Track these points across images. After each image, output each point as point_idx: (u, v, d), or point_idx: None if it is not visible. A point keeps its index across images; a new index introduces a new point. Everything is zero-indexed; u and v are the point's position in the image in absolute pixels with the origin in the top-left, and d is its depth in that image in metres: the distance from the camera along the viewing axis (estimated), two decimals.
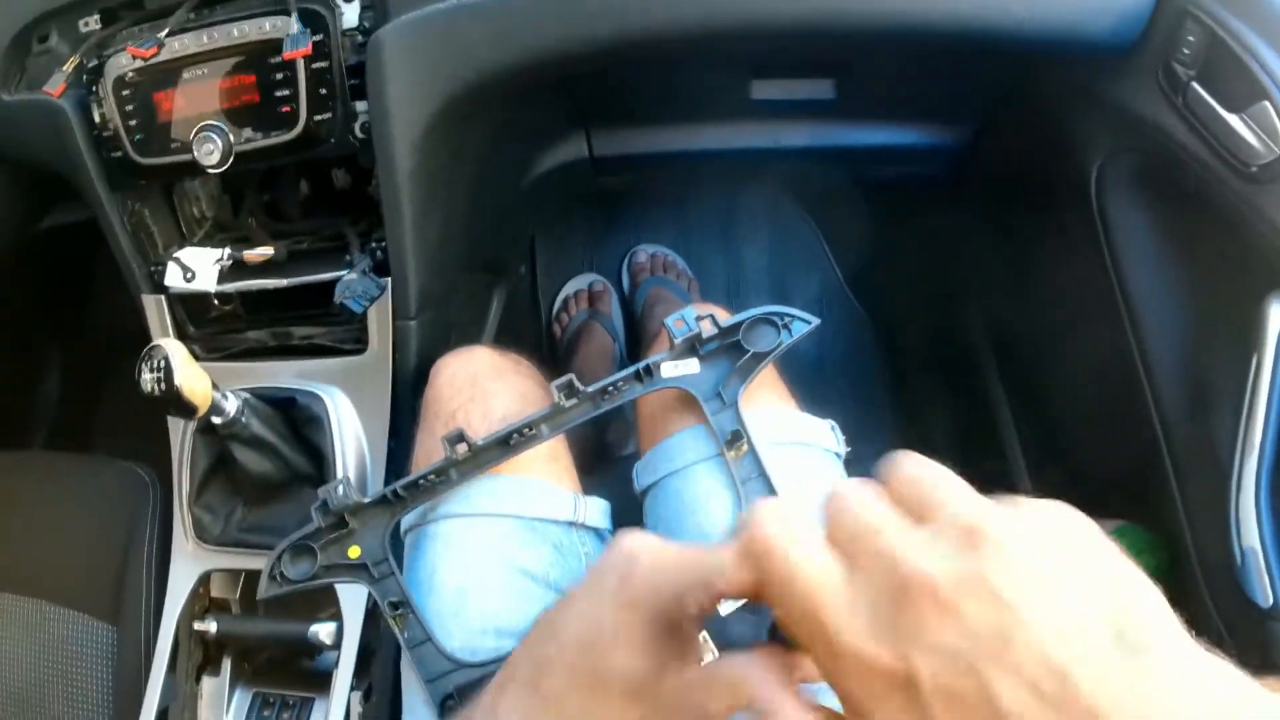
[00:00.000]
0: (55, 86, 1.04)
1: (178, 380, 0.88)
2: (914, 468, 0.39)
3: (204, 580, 1.07)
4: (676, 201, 1.65)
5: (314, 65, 0.95)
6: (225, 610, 1.09)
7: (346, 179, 1.13)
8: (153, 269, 1.09)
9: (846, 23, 0.88)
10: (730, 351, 0.82)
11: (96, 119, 1.03)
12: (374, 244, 1.03)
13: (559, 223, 1.62)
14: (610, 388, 0.83)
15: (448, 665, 0.78)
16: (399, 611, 0.81)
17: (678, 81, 1.12)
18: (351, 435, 1.03)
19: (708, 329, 0.82)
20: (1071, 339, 1.15)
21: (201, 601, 1.08)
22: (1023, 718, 0.31)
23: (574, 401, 0.83)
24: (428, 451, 0.90)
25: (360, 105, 0.97)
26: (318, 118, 0.97)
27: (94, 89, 1.03)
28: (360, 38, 0.96)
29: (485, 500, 0.83)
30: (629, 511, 0.89)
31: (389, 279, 1.01)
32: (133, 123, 1.02)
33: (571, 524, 0.85)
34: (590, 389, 0.83)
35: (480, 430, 0.85)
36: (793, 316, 0.82)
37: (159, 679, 1.03)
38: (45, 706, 1.16)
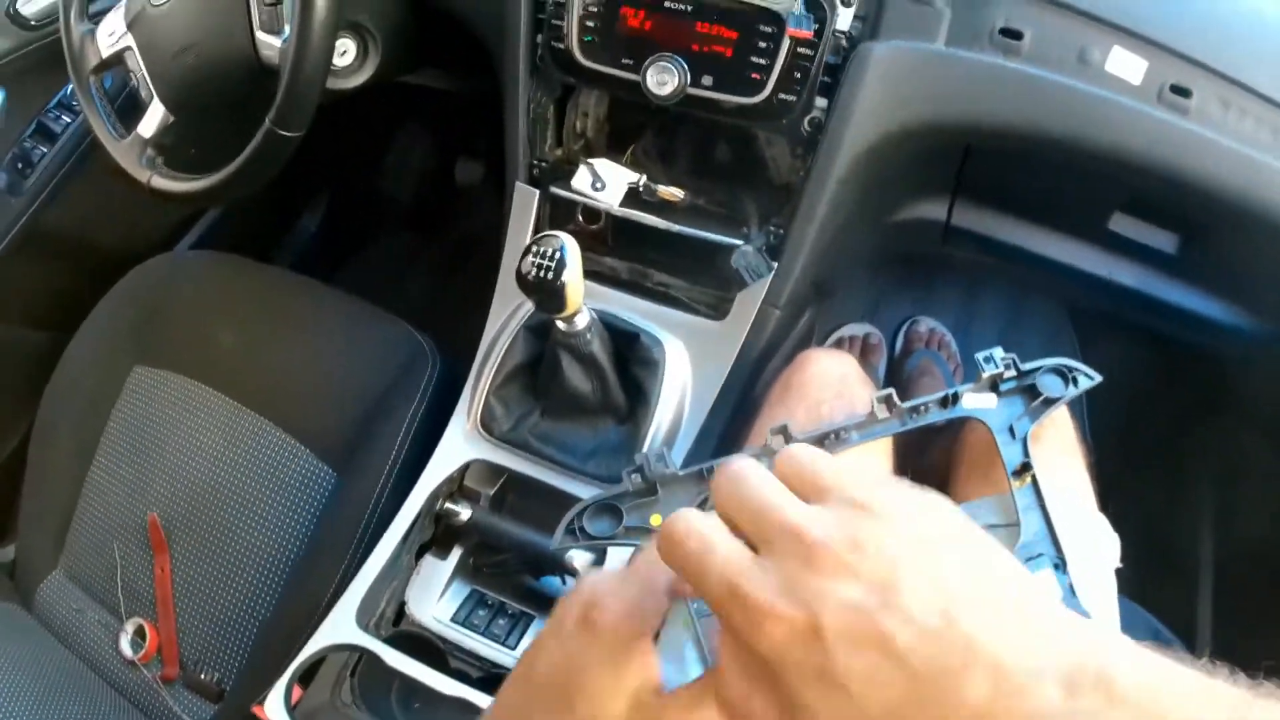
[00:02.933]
0: None
1: (566, 277, 0.90)
2: (805, 453, 0.46)
3: (465, 466, 1.08)
4: (967, 289, 1.70)
5: (800, 49, 0.98)
6: (475, 501, 1.09)
7: (728, 154, 1.16)
8: (535, 163, 1.11)
9: (1240, 198, 0.96)
10: (1024, 393, 0.87)
11: (550, 4, 1.06)
12: (772, 227, 1.05)
13: (869, 268, 1.66)
14: (921, 407, 0.87)
15: None
16: None
17: (1059, 189, 1.17)
18: (677, 390, 1.05)
19: (1008, 370, 0.87)
20: None
21: (453, 485, 1.09)
22: (913, 650, 0.37)
23: (886, 415, 0.87)
24: (769, 423, 0.92)
25: (820, 101, 1.00)
26: (782, 95, 1.00)
27: None
28: (845, 42, 1.00)
29: None
30: None
31: (777, 264, 1.04)
32: (590, 24, 1.04)
33: None
34: (904, 405, 0.86)
35: None
36: (1081, 372, 0.87)
37: (391, 544, 1.03)
38: (238, 515, 1.19)
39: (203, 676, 1.16)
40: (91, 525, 1.24)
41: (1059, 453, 0.93)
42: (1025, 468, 0.83)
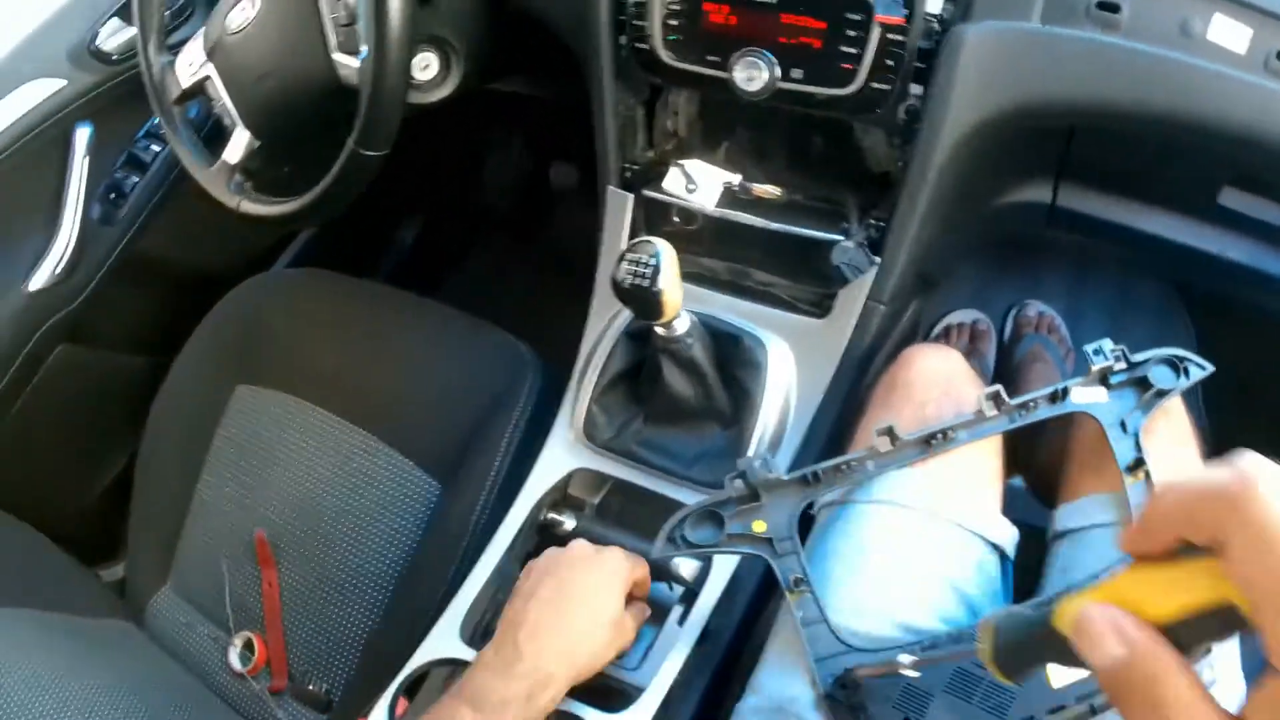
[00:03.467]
0: None
1: (662, 284, 0.89)
2: None
3: (569, 475, 1.07)
4: (1074, 267, 1.66)
5: (891, 35, 0.96)
6: (579, 510, 1.08)
7: (822, 147, 1.14)
8: (626, 166, 1.10)
9: None
10: (1135, 386, 0.85)
11: (631, 5, 1.04)
12: (873, 220, 1.03)
13: (973, 254, 1.64)
14: (1030, 403, 0.85)
15: (840, 647, 0.79)
16: (799, 588, 0.81)
17: (1166, 164, 1.12)
18: (782, 391, 1.03)
19: (1118, 363, 0.85)
20: None
21: (557, 494, 1.08)
22: None
23: (994, 412, 0.85)
24: (874, 423, 0.90)
25: (915, 88, 0.98)
26: (875, 84, 0.97)
27: None
28: (937, 25, 0.97)
29: (930, 498, 0.85)
30: None
31: (879, 258, 1.01)
32: (673, 22, 1.03)
33: (995, 546, 0.87)
34: (1013, 401, 0.85)
35: None
36: (1192, 361, 0.85)
37: (496, 555, 1.03)
38: (343, 530, 1.20)
39: (310, 687, 1.17)
40: (199, 542, 1.27)
41: (1172, 444, 0.90)
42: (1138, 463, 0.82)
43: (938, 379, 0.93)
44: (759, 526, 0.84)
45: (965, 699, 0.73)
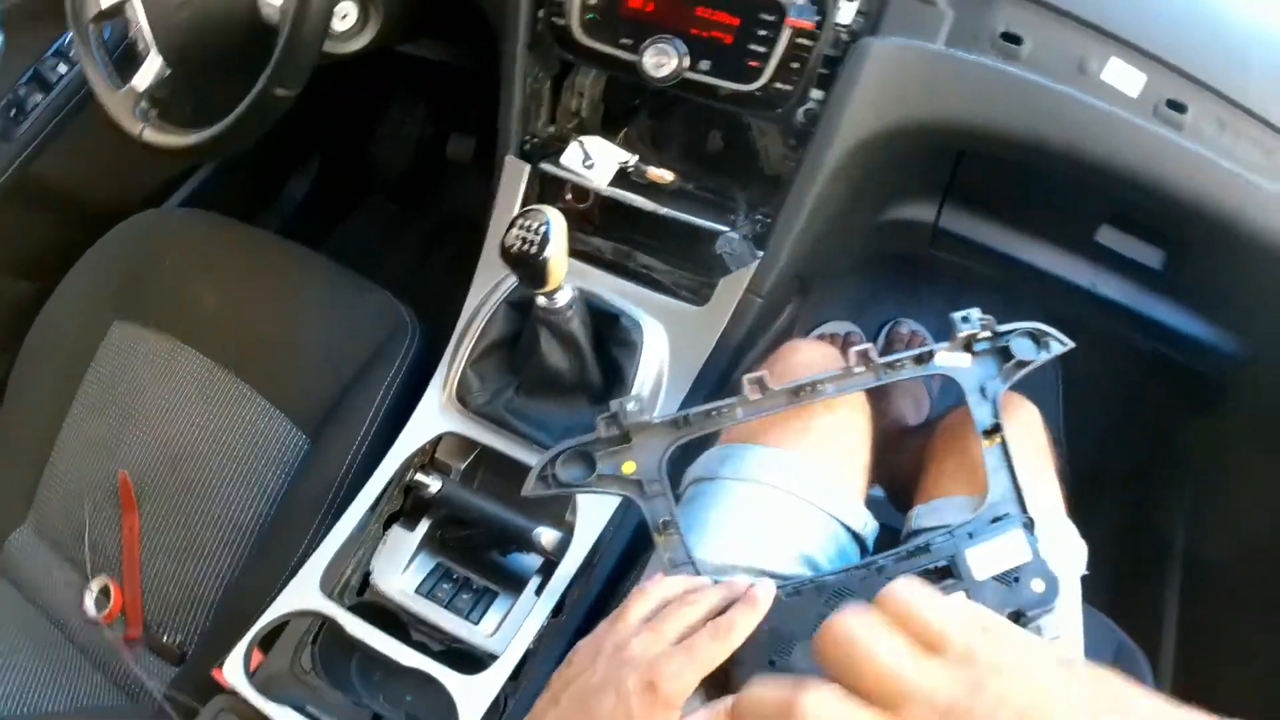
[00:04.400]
0: None
1: (549, 252, 0.90)
2: (906, 595, 0.48)
3: (438, 438, 1.08)
4: (951, 290, 1.70)
5: (800, 39, 0.98)
6: (446, 474, 1.09)
7: (719, 142, 1.16)
8: (527, 138, 1.10)
9: (1229, 217, 0.97)
10: (998, 354, 0.88)
11: None
12: (760, 215, 1.05)
13: (853, 266, 1.67)
14: (895, 362, 0.88)
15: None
16: (667, 530, 0.82)
17: (1048, 197, 1.17)
18: (654, 372, 1.04)
19: (984, 331, 0.88)
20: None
21: (424, 457, 1.08)
22: None
23: (863, 369, 0.87)
24: None
25: (815, 93, 1.00)
26: (779, 85, 1.00)
27: None
28: (845, 36, 1.00)
29: (797, 481, 0.87)
30: None
31: (762, 252, 1.04)
32: (592, 1, 1.04)
33: (854, 534, 0.89)
34: (880, 360, 0.87)
35: None
36: (1053, 337, 0.88)
37: (359, 512, 1.03)
38: (208, 477, 1.18)
39: (165, 639, 1.15)
40: (62, 481, 1.24)
41: (1030, 454, 0.94)
42: (995, 428, 0.85)
43: (814, 370, 0.95)
44: (629, 468, 0.84)
45: None
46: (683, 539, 0.80)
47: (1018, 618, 0.75)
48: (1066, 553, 0.89)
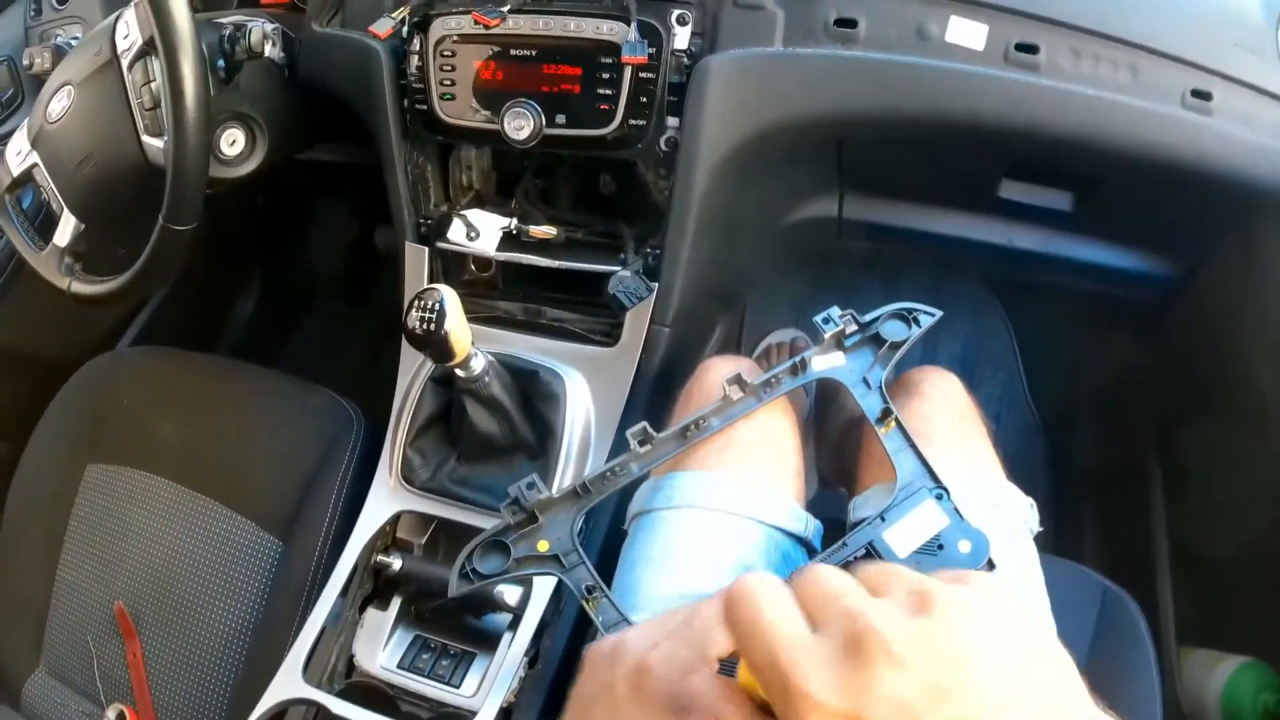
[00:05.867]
0: (383, 30, 1.11)
1: (448, 326, 0.93)
2: (874, 566, 0.47)
3: (395, 519, 1.12)
4: (887, 276, 1.72)
5: (642, 74, 1.02)
6: (407, 551, 1.13)
7: (612, 185, 1.19)
8: (421, 221, 1.15)
9: (1108, 143, 0.98)
10: (871, 343, 0.89)
11: (413, 69, 1.10)
12: (648, 249, 1.08)
13: (776, 274, 1.69)
14: (772, 380, 0.89)
15: None
16: (594, 595, 0.85)
17: (939, 165, 1.18)
18: (582, 419, 1.08)
19: (849, 325, 0.89)
20: (1252, 499, 1.20)
21: (385, 538, 1.13)
22: None
23: (740, 395, 0.89)
24: None
25: (671, 121, 1.04)
26: (633, 122, 1.03)
27: (413, 42, 1.09)
28: (686, 60, 1.03)
29: (730, 499, 0.89)
30: None
31: (657, 284, 1.07)
32: (446, 82, 1.08)
33: (799, 539, 0.91)
34: (755, 381, 0.89)
35: None
36: (921, 311, 0.89)
37: (329, 600, 1.07)
38: (197, 593, 1.23)
39: None
40: (65, 620, 1.30)
41: (952, 423, 0.95)
42: (886, 413, 0.86)
43: None
44: (543, 546, 0.86)
45: None
46: (610, 600, 0.82)
47: None
48: (1010, 512, 0.91)
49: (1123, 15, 0.99)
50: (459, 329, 0.95)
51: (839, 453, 1.13)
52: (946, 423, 0.95)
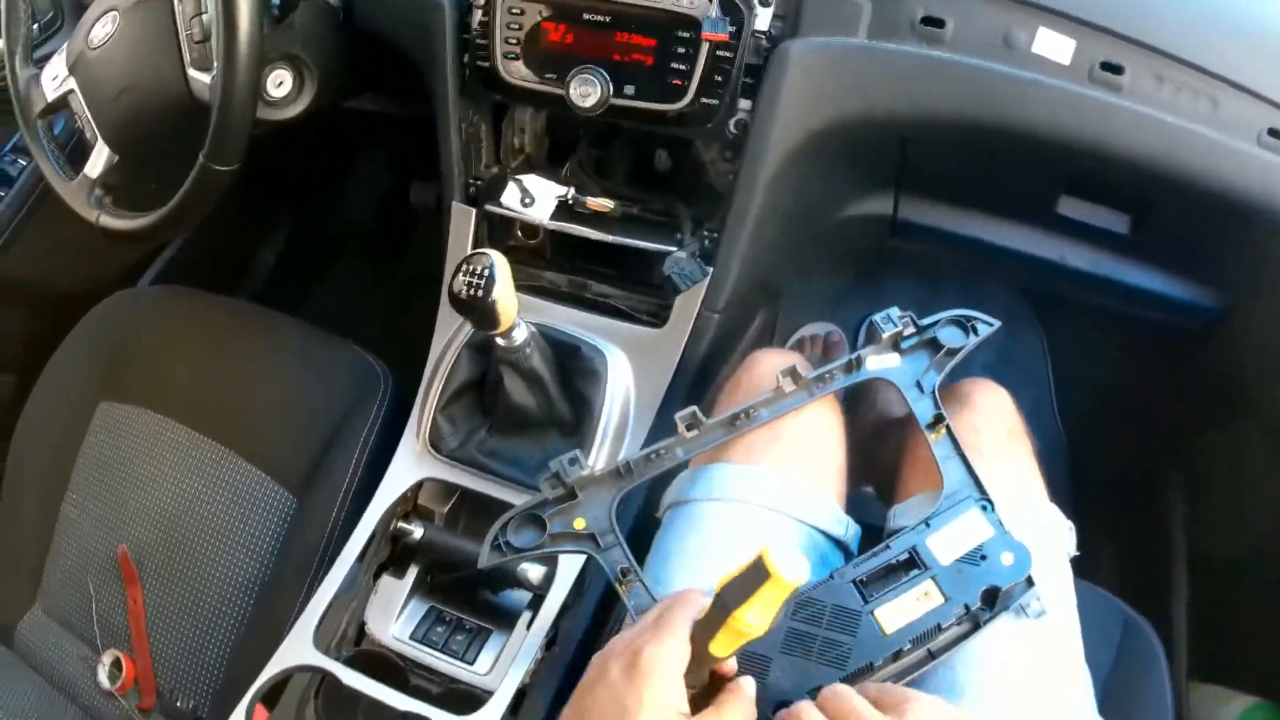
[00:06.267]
0: None
1: (496, 293, 0.90)
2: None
3: (418, 486, 1.09)
4: (923, 278, 1.70)
5: (719, 52, 0.99)
6: (428, 520, 1.10)
7: (668, 162, 1.16)
8: (470, 181, 1.12)
9: (1180, 173, 0.96)
10: (927, 347, 0.88)
11: (477, 24, 1.06)
12: (706, 232, 1.06)
13: (817, 268, 1.67)
14: (825, 375, 0.88)
15: None
16: (628, 579, 0.82)
17: (1002, 174, 1.16)
18: (621, 398, 1.05)
19: (907, 328, 0.89)
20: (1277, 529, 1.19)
21: (406, 505, 1.10)
22: None
23: (793, 388, 0.88)
24: None
25: (744, 104, 1.01)
26: (705, 100, 1.00)
27: None
28: (766, 42, 1.00)
29: (759, 492, 0.87)
30: None
31: (712, 268, 1.04)
32: (511, 40, 1.05)
33: (837, 541, 0.89)
34: (809, 375, 0.88)
35: None
36: (979, 320, 0.88)
37: (345, 565, 1.04)
38: (204, 543, 1.20)
39: (179, 704, 1.17)
40: (65, 561, 1.27)
41: (1000, 437, 0.93)
42: (938, 419, 0.85)
43: None
44: (579, 524, 0.84)
45: (804, 656, 0.74)
46: (644, 584, 0.80)
47: (993, 596, 0.76)
48: (1051, 533, 0.89)
49: (1210, 46, 0.97)
50: (507, 297, 0.92)
51: (868, 452, 1.11)
52: (995, 436, 0.93)
